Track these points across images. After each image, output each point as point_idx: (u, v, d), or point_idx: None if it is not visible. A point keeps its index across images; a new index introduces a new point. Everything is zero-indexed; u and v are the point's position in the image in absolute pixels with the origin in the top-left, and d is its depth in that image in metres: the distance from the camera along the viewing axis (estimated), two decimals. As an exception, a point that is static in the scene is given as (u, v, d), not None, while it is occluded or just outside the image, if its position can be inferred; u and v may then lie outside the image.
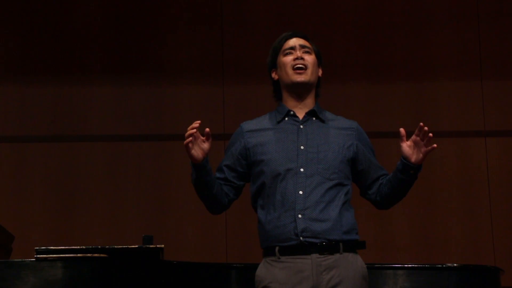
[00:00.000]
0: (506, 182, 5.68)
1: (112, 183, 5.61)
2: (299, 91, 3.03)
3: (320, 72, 3.10)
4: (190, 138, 2.93)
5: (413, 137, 2.92)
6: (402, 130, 2.92)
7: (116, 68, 5.76)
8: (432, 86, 5.79)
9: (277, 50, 3.09)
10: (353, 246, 2.91)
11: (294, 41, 3.08)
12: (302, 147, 2.95)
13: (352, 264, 2.87)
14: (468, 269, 3.79)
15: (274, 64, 3.10)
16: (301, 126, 3.00)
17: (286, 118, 3.03)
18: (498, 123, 5.76)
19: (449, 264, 3.77)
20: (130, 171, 5.63)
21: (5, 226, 4.18)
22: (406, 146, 2.94)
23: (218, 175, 3.03)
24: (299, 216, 2.85)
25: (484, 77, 5.80)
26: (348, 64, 5.81)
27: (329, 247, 2.84)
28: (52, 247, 3.37)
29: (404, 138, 2.93)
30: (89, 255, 3.35)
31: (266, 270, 2.89)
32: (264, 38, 5.48)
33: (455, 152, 5.72)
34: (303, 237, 2.83)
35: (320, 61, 3.10)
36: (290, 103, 3.05)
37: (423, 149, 2.91)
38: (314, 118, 3.04)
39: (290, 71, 3.02)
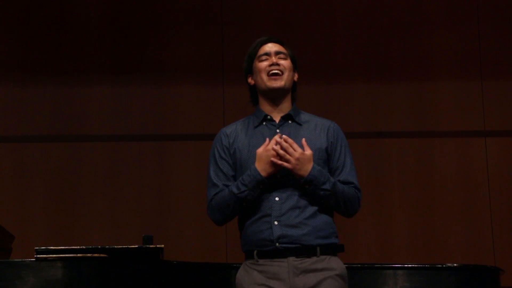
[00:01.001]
0: (506, 182, 5.68)
1: (112, 183, 5.61)
2: (275, 96, 3.03)
3: (295, 77, 3.09)
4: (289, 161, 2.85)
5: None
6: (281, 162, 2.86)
7: (116, 68, 5.76)
8: (432, 86, 5.80)
9: (253, 55, 3.09)
10: (331, 250, 2.91)
11: (269, 47, 3.08)
12: None
13: (330, 266, 2.87)
14: (468, 269, 3.79)
15: (250, 70, 3.10)
16: (278, 131, 2.99)
17: (264, 123, 3.03)
18: (498, 123, 5.76)
19: (449, 264, 3.77)
20: (130, 171, 5.63)
21: (5, 226, 4.18)
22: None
23: (226, 183, 2.99)
24: (275, 223, 2.87)
25: (484, 77, 5.80)
26: (348, 65, 5.81)
27: (306, 251, 2.85)
28: (52, 247, 3.37)
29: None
30: (89, 255, 3.35)
31: (245, 273, 2.92)
32: (264, 38, 5.48)
33: (455, 152, 5.72)
34: (279, 243, 2.85)
35: (295, 66, 3.09)
36: (266, 107, 3.05)
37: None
38: (290, 122, 3.03)
39: (265, 77, 3.02)
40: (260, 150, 2.88)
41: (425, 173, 5.69)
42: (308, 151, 2.86)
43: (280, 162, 2.85)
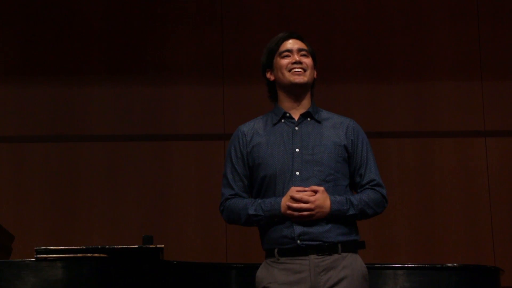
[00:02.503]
0: (506, 182, 5.68)
1: (112, 183, 5.61)
2: (297, 92, 3.03)
3: (315, 73, 3.09)
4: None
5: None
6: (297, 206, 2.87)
7: (116, 68, 5.76)
8: (432, 86, 5.80)
9: (274, 51, 3.08)
10: (352, 247, 2.91)
11: (291, 44, 3.08)
12: (297, 150, 2.95)
13: (351, 264, 2.88)
14: (468, 269, 3.79)
15: (269, 65, 3.09)
16: (296, 128, 3.00)
17: (282, 120, 3.03)
18: (498, 123, 5.76)
19: (449, 264, 3.76)
20: (130, 171, 5.63)
21: (5, 226, 4.18)
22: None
23: (239, 184, 3.01)
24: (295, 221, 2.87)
25: (484, 77, 5.80)
26: (348, 64, 5.81)
27: (327, 248, 2.85)
28: (52, 247, 3.37)
29: None
30: (89, 255, 3.35)
31: (266, 271, 2.92)
32: (264, 38, 5.43)
33: (455, 152, 5.72)
34: (300, 240, 2.85)
35: (315, 62, 3.09)
36: (286, 104, 3.05)
37: None
38: (309, 119, 3.03)
39: (287, 73, 3.02)
40: (293, 188, 2.87)
41: (425, 173, 5.69)
42: (320, 189, 2.85)
43: (300, 216, 2.85)
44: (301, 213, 2.83)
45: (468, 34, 5.84)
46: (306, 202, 2.83)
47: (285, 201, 2.86)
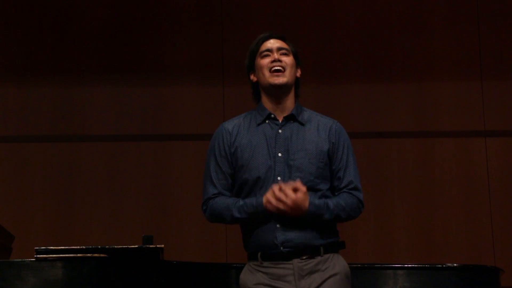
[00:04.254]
0: (506, 182, 5.68)
1: (112, 183, 5.61)
2: (278, 93, 3.01)
3: (298, 73, 3.08)
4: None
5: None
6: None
7: (116, 68, 5.76)
8: (432, 86, 5.80)
9: (255, 52, 3.08)
10: (333, 247, 2.92)
11: (271, 43, 3.07)
12: (279, 154, 2.94)
13: (334, 264, 2.89)
14: (468, 269, 3.79)
15: (252, 67, 3.09)
16: (280, 131, 2.98)
17: (267, 121, 3.01)
18: (498, 123, 5.76)
19: (449, 264, 3.76)
20: (130, 171, 5.63)
21: (5, 226, 4.18)
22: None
23: (223, 182, 3.00)
24: (277, 226, 2.87)
25: (484, 77, 5.80)
26: (348, 64, 5.81)
27: (310, 252, 2.86)
28: (52, 247, 3.37)
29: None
30: (89, 255, 3.35)
31: (249, 274, 2.93)
32: (264, 38, 5.48)
33: (455, 152, 5.72)
34: (283, 247, 2.86)
35: (298, 62, 3.08)
36: (269, 105, 3.03)
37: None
38: (292, 121, 3.01)
39: (267, 73, 3.00)
40: (274, 186, 2.85)
41: (425, 173, 5.69)
42: (302, 189, 2.82)
43: (277, 208, 2.82)
44: (278, 204, 2.80)
45: (468, 34, 5.84)
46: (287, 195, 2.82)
47: (268, 195, 2.83)
